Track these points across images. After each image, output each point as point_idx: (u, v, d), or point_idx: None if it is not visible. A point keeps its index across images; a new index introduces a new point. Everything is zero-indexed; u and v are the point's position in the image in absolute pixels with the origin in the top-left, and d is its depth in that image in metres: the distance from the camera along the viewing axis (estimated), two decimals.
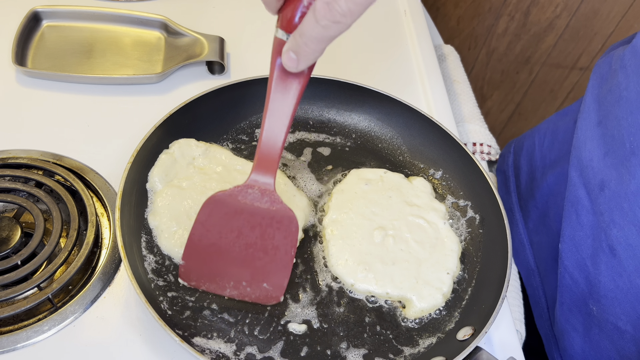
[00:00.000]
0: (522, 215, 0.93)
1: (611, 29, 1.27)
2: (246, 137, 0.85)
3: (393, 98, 0.86)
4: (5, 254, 0.68)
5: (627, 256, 0.67)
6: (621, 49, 0.73)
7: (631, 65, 0.68)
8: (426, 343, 0.68)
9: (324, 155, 0.85)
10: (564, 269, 0.76)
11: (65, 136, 0.82)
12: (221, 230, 0.65)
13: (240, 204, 0.63)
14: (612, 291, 0.69)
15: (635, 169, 0.64)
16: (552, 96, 1.48)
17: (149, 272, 0.68)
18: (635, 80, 0.66)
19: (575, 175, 0.75)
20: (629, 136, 0.66)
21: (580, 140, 0.75)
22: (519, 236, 0.92)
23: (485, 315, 0.66)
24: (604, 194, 0.69)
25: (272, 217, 0.64)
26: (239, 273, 0.67)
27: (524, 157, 0.96)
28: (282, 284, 0.67)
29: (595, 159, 0.71)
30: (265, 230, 0.65)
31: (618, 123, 0.68)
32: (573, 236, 0.74)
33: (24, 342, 0.63)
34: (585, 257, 0.72)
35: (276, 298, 0.68)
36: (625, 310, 0.68)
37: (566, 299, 0.76)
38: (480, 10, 1.44)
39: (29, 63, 0.90)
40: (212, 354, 0.63)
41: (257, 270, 0.66)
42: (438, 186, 0.84)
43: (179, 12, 1.02)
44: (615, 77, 0.71)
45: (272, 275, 0.67)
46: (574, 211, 0.74)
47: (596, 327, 0.72)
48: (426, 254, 0.74)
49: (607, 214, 0.69)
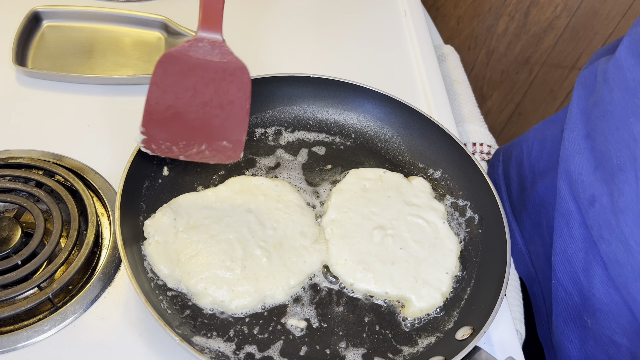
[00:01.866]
0: (517, 224, 0.91)
1: (611, 29, 1.26)
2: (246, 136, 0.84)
3: (392, 98, 0.85)
4: (6, 254, 0.67)
5: (615, 272, 0.65)
6: (604, 59, 0.70)
7: (614, 80, 0.65)
8: (425, 343, 0.67)
9: (323, 154, 0.84)
10: (557, 282, 0.74)
11: (65, 136, 0.81)
12: (177, 90, 0.63)
13: (192, 59, 0.62)
14: (606, 305, 0.67)
15: (622, 185, 0.62)
16: (552, 96, 1.46)
17: (148, 271, 0.67)
18: (619, 95, 0.63)
19: (564, 188, 0.72)
20: (615, 152, 0.63)
21: (569, 152, 0.72)
22: (517, 246, 0.90)
23: (485, 315, 0.65)
24: (594, 209, 0.67)
25: (224, 69, 0.62)
26: (198, 134, 0.65)
27: (513, 167, 0.93)
28: (240, 139, 0.65)
29: (585, 173, 0.69)
30: (219, 85, 0.63)
31: (605, 138, 0.65)
32: (565, 249, 0.72)
33: (24, 342, 0.62)
34: (578, 270, 0.70)
35: (236, 155, 0.66)
36: (620, 323, 0.66)
37: (561, 311, 0.74)
38: (480, 10, 1.43)
39: (29, 63, 0.89)
40: (212, 353, 0.62)
41: (215, 129, 0.65)
42: (437, 186, 0.83)
43: (179, 12, 1.01)
44: (600, 90, 0.68)
45: (230, 132, 0.65)
46: (566, 224, 0.72)
47: (591, 339, 0.71)
48: (425, 254, 0.73)
49: (595, 229, 0.66)
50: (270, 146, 0.84)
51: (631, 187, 0.60)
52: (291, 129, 0.86)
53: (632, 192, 0.60)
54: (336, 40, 1.05)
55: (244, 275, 0.67)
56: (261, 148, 0.83)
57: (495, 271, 0.70)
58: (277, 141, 0.84)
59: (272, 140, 0.84)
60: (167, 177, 0.76)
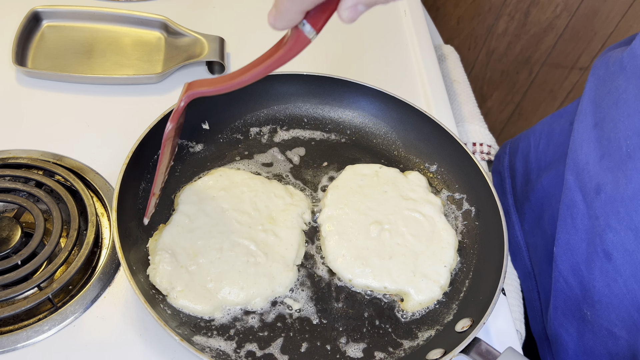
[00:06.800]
0: (518, 217, 0.87)
1: (611, 29, 1.20)
2: (241, 136, 0.79)
3: (387, 94, 0.80)
4: (6, 254, 0.63)
5: (623, 261, 0.60)
6: (619, 50, 0.67)
7: (630, 68, 0.61)
8: (425, 336, 0.63)
9: (319, 152, 0.79)
10: (558, 273, 0.70)
11: (65, 136, 0.76)
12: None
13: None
14: (606, 297, 0.63)
15: (631, 172, 0.58)
16: (552, 96, 1.40)
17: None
18: (634, 83, 0.60)
19: (571, 179, 0.68)
20: (625, 139, 0.60)
21: (577, 142, 0.69)
22: (515, 239, 0.85)
23: (483, 307, 0.61)
24: (600, 198, 0.63)
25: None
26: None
27: (519, 159, 0.89)
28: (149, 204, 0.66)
29: (591, 162, 0.65)
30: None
31: (615, 126, 0.62)
32: (567, 240, 0.68)
33: (24, 342, 0.58)
34: (580, 261, 0.66)
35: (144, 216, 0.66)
36: (621, 315, 0.62)
37: (560, 303, 0.70)
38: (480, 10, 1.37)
39: (29, 63, 0.83)
40: (213, 352, 0.58)
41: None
42: (433, 180, 0.78)
43: (179, 12, 0.95)
44: (614, 79, 0.64)
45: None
46: (569, 215, 0.68)
47: (590, 332, 0.67)
48: (423, 247, 0.69)
49: (602, 218, 0.63)
50: (265, 145, 0.79)
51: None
52: (286, 127, 0.81)
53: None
54: (335, 40, 1.00)
55: (270, 258, 0.65)
56: (256, 147, 0.78)
57: (493, 263, 0.66)
58: (272, 139, 0.79)
59: (267, 138, 0.79)
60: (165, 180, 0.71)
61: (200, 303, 0.60)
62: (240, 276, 0.62)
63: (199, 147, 0.76)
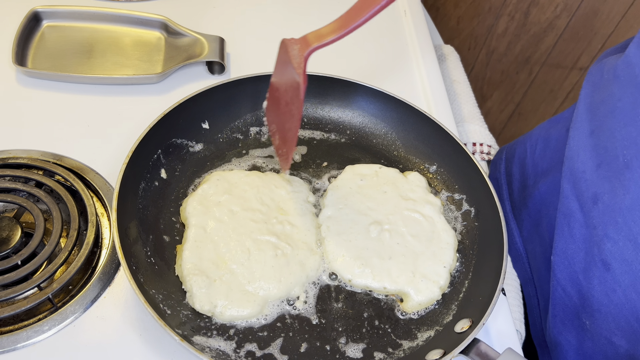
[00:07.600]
0: (516, 224, 0.85)
1: (611, 29, 1.18)
2: (241, 135, 0.78)
3: (387, 94, 0.79)
4: (6, 254, 0.62)
5: (622, 271, 0.59)
6: (614, 57, 0.65)
7: (625, 77, 0.60)
8: (424, 336, 0.63)
9: (319, 152, 0.79)
10: (556, 282, 0.68)
11: (65, 136, 0.75)
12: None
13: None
14: (605, 306, 0.62)
15: (629, 183, 0.57)
16: (552, 96, 1.39)
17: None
18: (630, 92, 0.59)
19: (567, 187, 0.67)
20: (622, 149, 0.59)
21: (573, 150, 0.67)
22: (515, 245, 0.84)
23: (483, 307, 0.61)
24: (597, 207, 0.62)
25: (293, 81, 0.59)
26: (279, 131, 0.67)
27: (515, 165, 0.87)
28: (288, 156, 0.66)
29: (588, 171, 0.64)
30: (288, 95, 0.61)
31: (612, 135, 0.61)
32: (565, 249, 0.67)
33: (24, 342, 0.58)
34: (578, 270, 0.65)
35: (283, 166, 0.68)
36: (620, 325, 0.61)
37: (559, 311, 0.69)
38: (480, 10, 1.36)
39: (29, 63, 0.82)
40: (212, 352, 0.57)
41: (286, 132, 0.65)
42: (433, 180, 0.77)
43: (179, 12, 0.94)
44: (609, 87, 0.63)
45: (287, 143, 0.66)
46: (566, 224, 0.67)
47: (589, 340, 0.65)
48: (422, 248, 0.68)
49: (600, 228, 0.61)
50: (265, 144, 0.78)
51: (637, 184, 0.55)
52: None
53: (639, 190, 0.55)
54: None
55: (294, 247, 0.65)
56: (257, 146, 0.77)
57: (493, 263, 0.66)
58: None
59: (268, 138, 0.79)
60: (165, 180, 0.70)
61: (246, 307, 0.60)
62: (274, 271, 0.63)
63: (198, 147, 0.75)
